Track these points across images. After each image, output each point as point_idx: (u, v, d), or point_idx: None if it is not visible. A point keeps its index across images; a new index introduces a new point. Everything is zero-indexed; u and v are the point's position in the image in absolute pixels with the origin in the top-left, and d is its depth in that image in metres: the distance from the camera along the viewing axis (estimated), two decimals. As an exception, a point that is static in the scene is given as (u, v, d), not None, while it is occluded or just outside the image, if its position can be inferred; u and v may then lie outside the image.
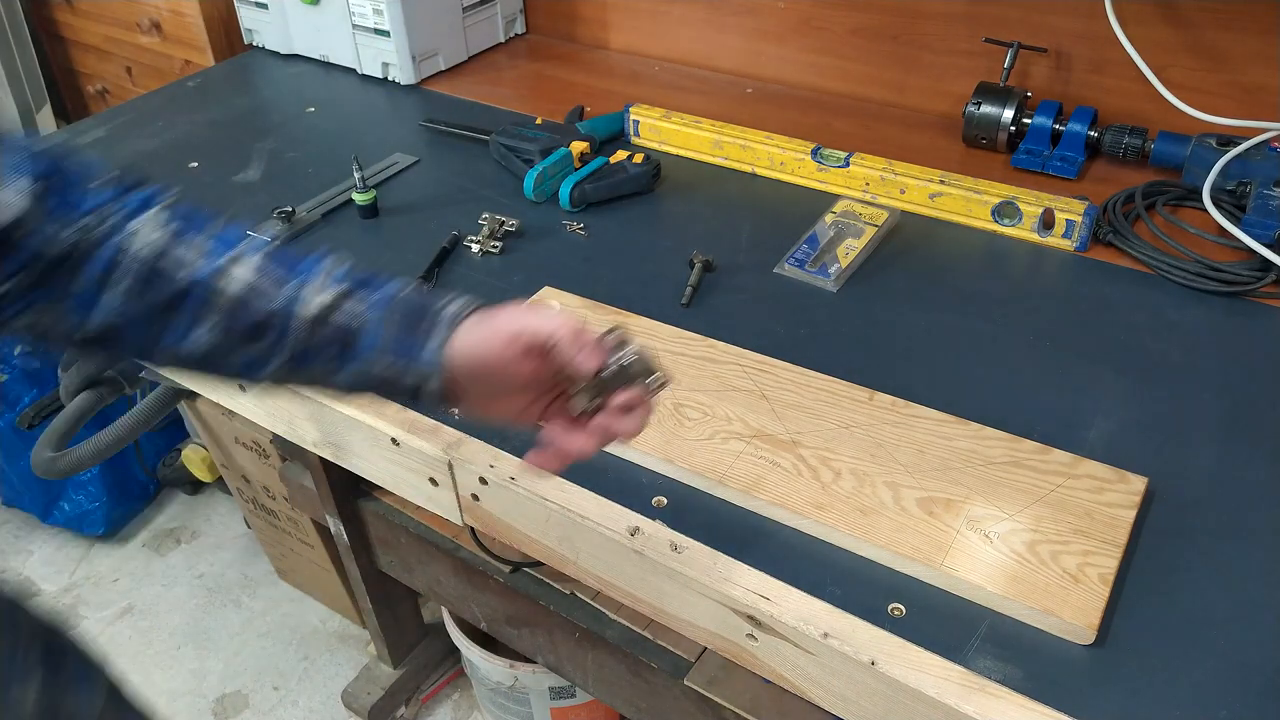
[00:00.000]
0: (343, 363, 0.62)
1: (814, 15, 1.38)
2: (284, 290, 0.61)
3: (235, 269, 0.60)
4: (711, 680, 0.96)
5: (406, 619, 1.50)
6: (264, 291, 0.60)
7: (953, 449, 0.78)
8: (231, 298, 0.60)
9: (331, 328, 0.61)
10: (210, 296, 0.60)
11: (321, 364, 0.62)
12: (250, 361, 0.62)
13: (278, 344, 0.61)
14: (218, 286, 0.60)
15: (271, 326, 0.61)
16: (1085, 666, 0.64)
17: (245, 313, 0.60)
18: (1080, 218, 1.03)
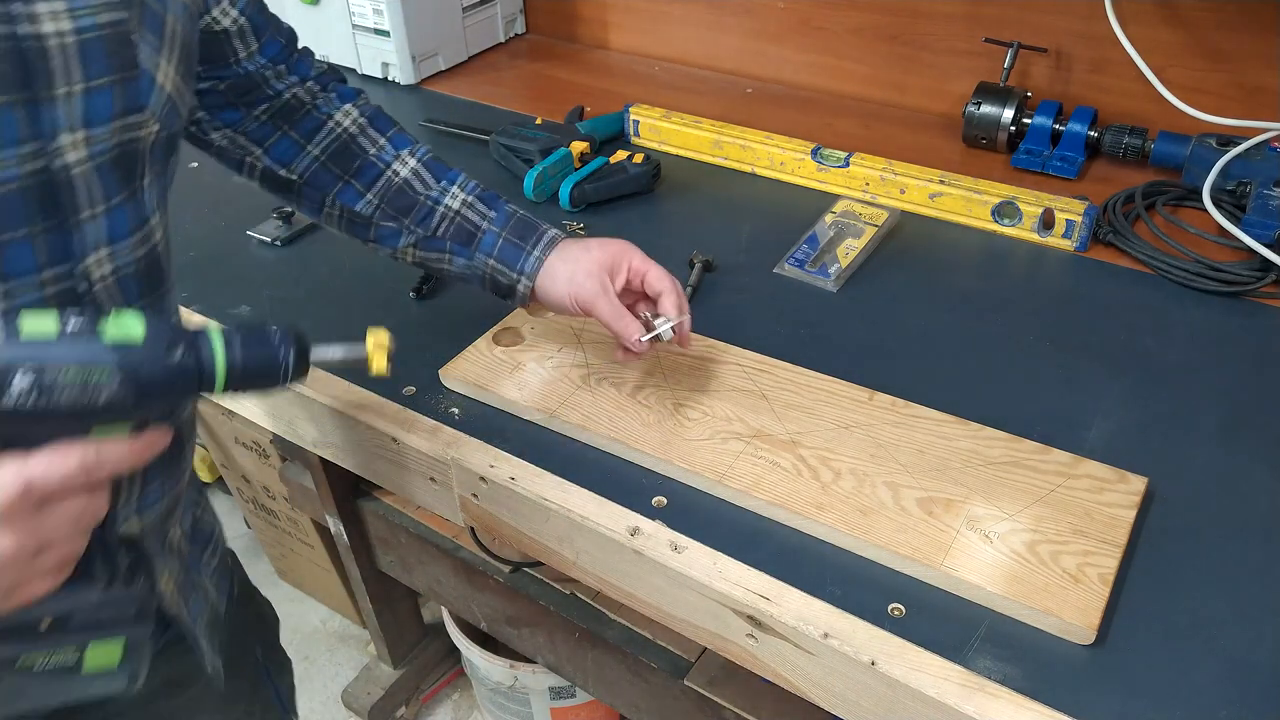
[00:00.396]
0: (460, 254, 0.83)
1: (814, 15, 1.38)
2: (434, 186, 0.82)
3: (404, 161, 0.82)
4: (711, 680, 0.96)
5: (406, 619, 1.50)
6: (421, 182, 0.82)
7: (953, 449, 0.78)
8: (397, 180, 0.82)
9: (461, 223, 0.82)
10: (382, 174, 0.82)
11: (444, 250, 0.83)
12: (390, 233, 0.83)
13: (418, 224, 0.82)
14: (390, 169, 0.82)
15: (418, 208, 0.82)
16: (1085, 666, 0.64)
17: (402, 195, 0.82)
18: (1080, 218, 1.03)
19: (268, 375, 0.55)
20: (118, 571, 0.55)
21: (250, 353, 0.54)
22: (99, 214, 0.56)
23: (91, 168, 0.54)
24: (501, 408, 0.86)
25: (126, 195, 0.58)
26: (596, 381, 0.87)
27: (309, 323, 0.98)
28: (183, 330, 0.53)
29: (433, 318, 0.99)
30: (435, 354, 0.91)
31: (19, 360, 0.46)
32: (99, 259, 0.56)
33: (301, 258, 1.10)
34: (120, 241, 0.58)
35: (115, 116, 0.55)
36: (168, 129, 0.60)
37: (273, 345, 0.55)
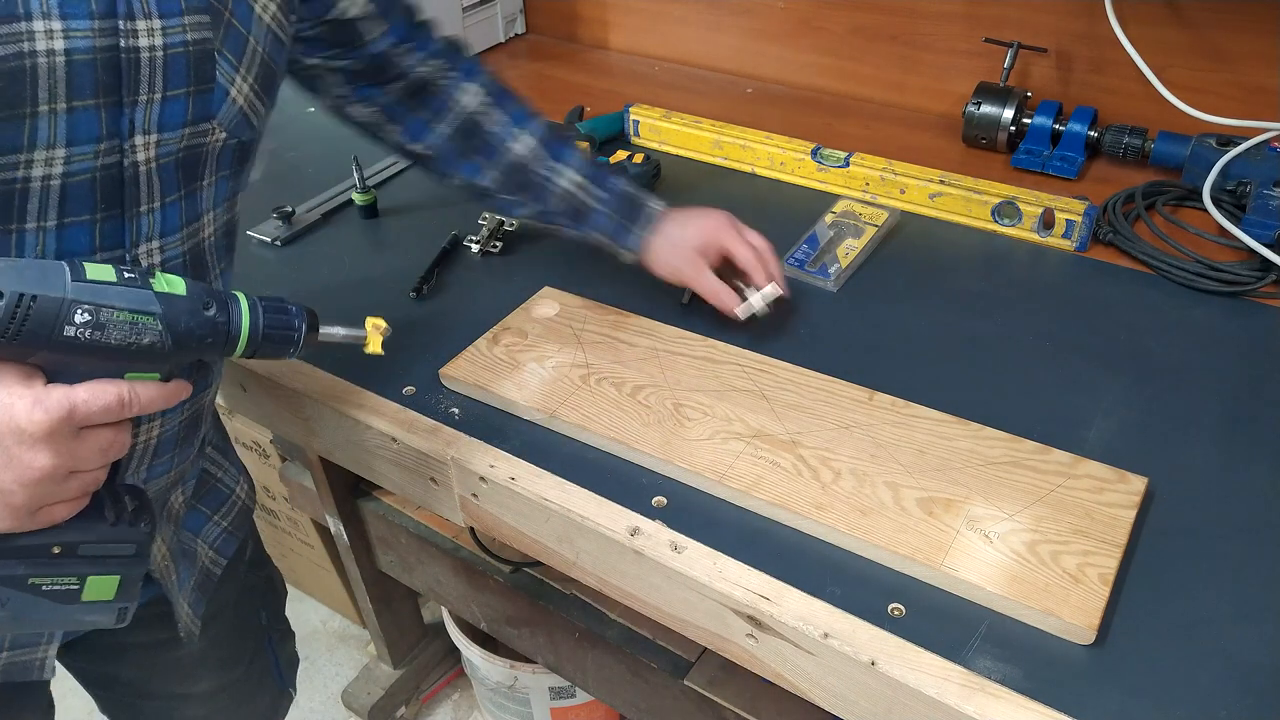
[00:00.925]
0: (571, 226, 0.92)
1: (814, 15, 1.38)
2: (550, 165, 0.89)
3: (521, 140, 0.89)
4: (711, 680, 0.96)
5: (406, 619, 1.50)
6: (538, 160, 0.89)
7: (953, 449, 0.78)
8: (515, 158, 0.89)
9: (573, 202, 0.90)
10: (502, 153, 0.89)
11: (556, 222, 0.92)
12: (509, 204, 0.92)
13: (535, 199, 0.90)
14: (508, 147, 0.89)
15: (534, 186, 0.90)
16: (1085, 666, 0.64)
17: (520, 172, 0.89)
18: (1080, 218, 1.03)
19: (282, 343, 0.63)
20: (124, 512, 0.60)
21: (271, 319, 0.62)
22: (155, 208, 0.62)
23: (156, 167, 0.60)
24: (501, 408, 0.86)
25: (184, 193, 0.63)
26: (596, 381, 0.87)
27: (309, 323, 0.98)
28: (218, 292, 0.60)
29: (433, 318, 0.99)
30: (435, 354, 0.91)
31: (82, 298, 0.52)
32: (149, 249, 0.62)
33: (301, 258, 1.10)
34: (171, 235, 0.63)
35: (187, 124, 0.61)
36: (237, 137, 0.66)
37: (290, 316, 0.63)
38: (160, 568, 0.76)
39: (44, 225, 0.57)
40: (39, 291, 0.51)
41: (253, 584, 0.95)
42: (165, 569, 0.77)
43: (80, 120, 0.55)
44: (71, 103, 0.54)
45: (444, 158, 0.90)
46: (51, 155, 0.55)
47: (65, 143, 0.55)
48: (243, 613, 0.94)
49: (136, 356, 0.55)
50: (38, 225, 0.56)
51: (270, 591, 1.00)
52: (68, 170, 0.56)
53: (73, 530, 0.57)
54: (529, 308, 0.97)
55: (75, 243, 0.58)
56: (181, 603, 0.80)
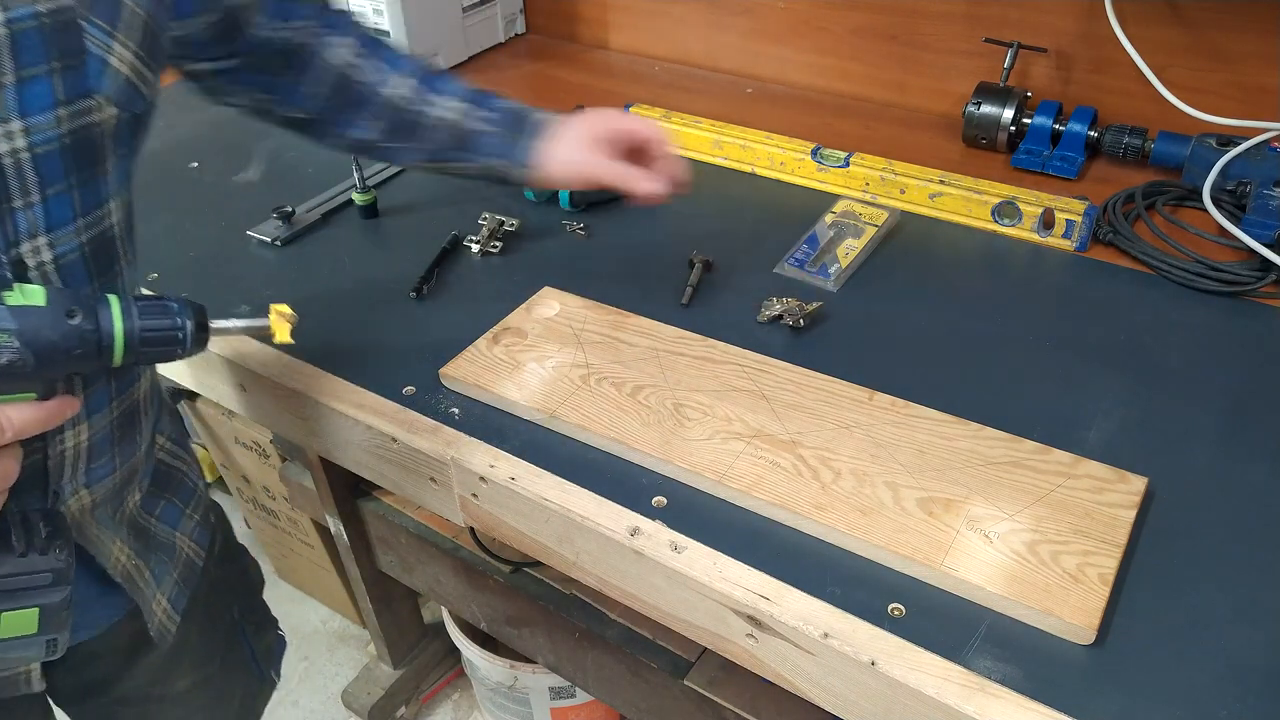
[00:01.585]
0: (463, 159, 0.87)
1: (814, 15, 1.38)
2: (426, 99, 0.85)
3: (395, 81, 0.85)
4: (711, 680, 0.96)
5: (406, 619, 1.50)
6: (420, 98, 0.85)
7: (953, 449, 0.78)
8: (392, 101, 0.85)
9: (457, 131, 0.85)
10: (378, 100, 0.85)
11: (447, 158, 0.87)
12: (398, 153, 0.88)
13: (420, 139, 0.86)
14: (382, 93, 0.85)
15: (417, 126, 0.86)
16: (1085, 666, 0.64)
17: (400, 114, 0.85)
18: (1080, 218, 1.03)
19: (167, 344, 0.58)
20: (35, 539, 0.57)
21: (149, 322, 0.57)
22: (34, 203, 0.56)
23: (31, 158, 0.55)
24: (501, 408, 0.86)
25: (77, 182, 0.58)
26: (596, 381, 0.87)
27: (309, 322, 0.98)
28: (85, 297, 0.55)
29: (433, 318, 0.99)
30: (435, 354, 0.91)
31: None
32: (35, 246, 0.57)
33: (301, 258, 1.10)
34: (61, 228, 0.58)
35: (58, 104, 0.55)
36: (130, 111, 0.60)
37: (172, 315, 0.58)
38: (124, 571, 0.73)
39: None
40: None
41: (221, 578, 0.93)
42: (133, 570, 0.75)
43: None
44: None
45: (324, 119, 0.87)
46: None
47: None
48: (214, 608, 0.92)
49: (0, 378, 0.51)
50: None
51: (243, 584, 0.98)
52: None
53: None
54: (529, 308, 0.97)
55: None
56: (159, 600, 0.78)
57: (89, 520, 0.69)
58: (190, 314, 0.59)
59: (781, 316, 0.94)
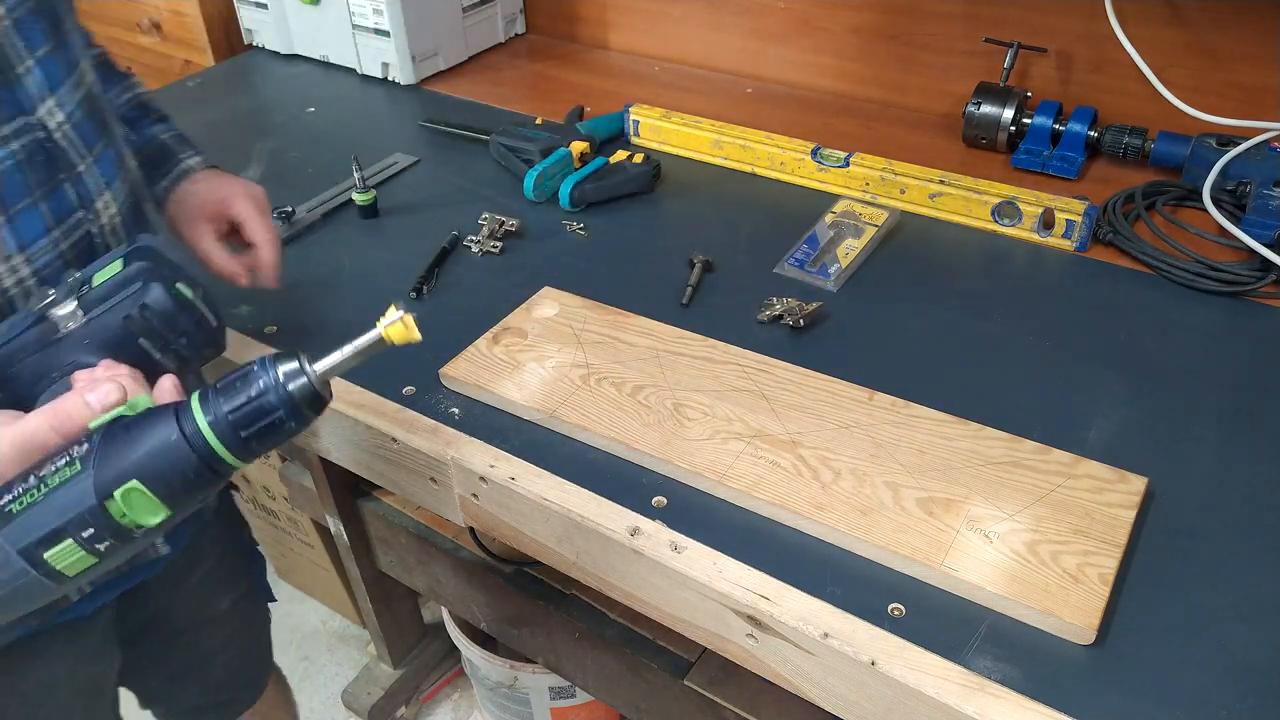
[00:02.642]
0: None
1: (814, 15, 1.38)
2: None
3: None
4: (711, 680, 0.96)
5: (406, 619, 1.50)
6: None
7: (953, 449, 0.78)
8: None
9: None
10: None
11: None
12: None
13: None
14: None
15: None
16: (1085, 666, 0.64)
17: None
18: (1080, 218, 1.03)
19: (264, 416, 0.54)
20: None
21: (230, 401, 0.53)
22: (30, 67, 0.63)
23: (10, 23, 0.62)
24: (501, 408, 0.86)
25: (53, 46, 0.65)
26: (596, 381, 0.87)
27: (309, 322, 0.99)
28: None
29: (433, 318, 0.99)
30: (435, 354, 0.91)
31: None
32: (49, 109, 0.64)
33: (301, 258, 1.10)
34: (59, 89, 0.65)
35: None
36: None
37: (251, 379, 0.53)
38: None
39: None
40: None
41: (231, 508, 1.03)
42: None
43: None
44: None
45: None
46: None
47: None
48: (231, 531, 1.02)
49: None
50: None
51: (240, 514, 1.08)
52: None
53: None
54: (529, 308, 0.97)
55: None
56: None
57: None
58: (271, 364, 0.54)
59: (781, 316, 0.94)
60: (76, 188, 0.66)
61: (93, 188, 0.67)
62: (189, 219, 0.86)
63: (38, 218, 0.64)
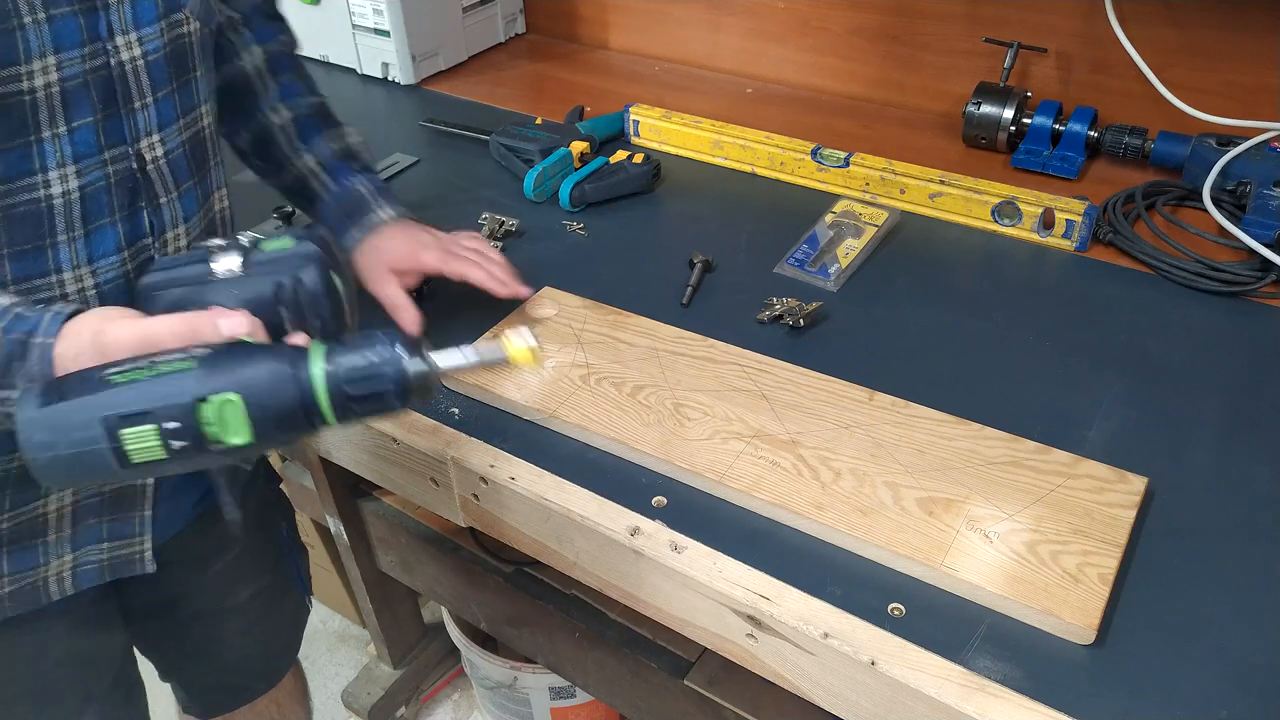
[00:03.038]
0: (304, 206, 0.95)
1: (814, 15, 1.38)
2: (294, 145, 0.92)
3: (279, 112, 0.91)
4: (711, 680, 0.96)
5: (406, 619, 1.50)
6: (286, 137, 0.92)
7: (953, 449, 0.78)
8: (266, 128, 0.91)
9: (305, 188, 0.93)
10: (257, 119, 0.91)
11: (294, 200, 0.97)
12: (261, 171, 0.95)
13: (276, 174, 0.94)
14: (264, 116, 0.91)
15: (278, 160, 0.93)
16: (1085, 666, 0.64)
17: (269, 144, 0.92)
18: (1080, 218, 1.03)
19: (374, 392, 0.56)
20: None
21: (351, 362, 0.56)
22: (149, 104, 0.68)
23: (145, 64, 0.66)
24: (501, 408, 0.86)
25: (176, 86, 0.70)
26: (596, 381, 0.87)
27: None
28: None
29: (433, 318, 0.99)
30: (435, 354, 0.91)
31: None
32: (150, 143, 0.68)
33: (301, 258, 1.10)
34: (168, 127, 0.70)
35: (160, 17, 0.67)
36: (207, 24, 0.73)
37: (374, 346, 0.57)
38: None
39: (56, 132, 0.63)
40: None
41: (269, 497, 1.02)
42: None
43: (62, 28, 0.61)
44: (50, 11, 0.60)
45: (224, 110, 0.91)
46: (45, 64, 0.61)
47: (54, 50, 0.61)
48: (264, 522, 1.01)
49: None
50: (51, 133, 0.62)
51: (286, 504, 1.07)
52: (62, 76, 0.62)
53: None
54: (529, 308, 0.97)
55: (84, 144, 0.64)
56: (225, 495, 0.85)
57: None
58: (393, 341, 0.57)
59: (781, 316, 0.94)
60: (153, 217, 0.70)
61: (168, 220, 0.71)
62: (375, 270, 0.90)
63: (112, 236, 0.68)
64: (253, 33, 0.90)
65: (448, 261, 0.91)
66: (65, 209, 0.64)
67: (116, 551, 0.79)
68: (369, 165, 0.95)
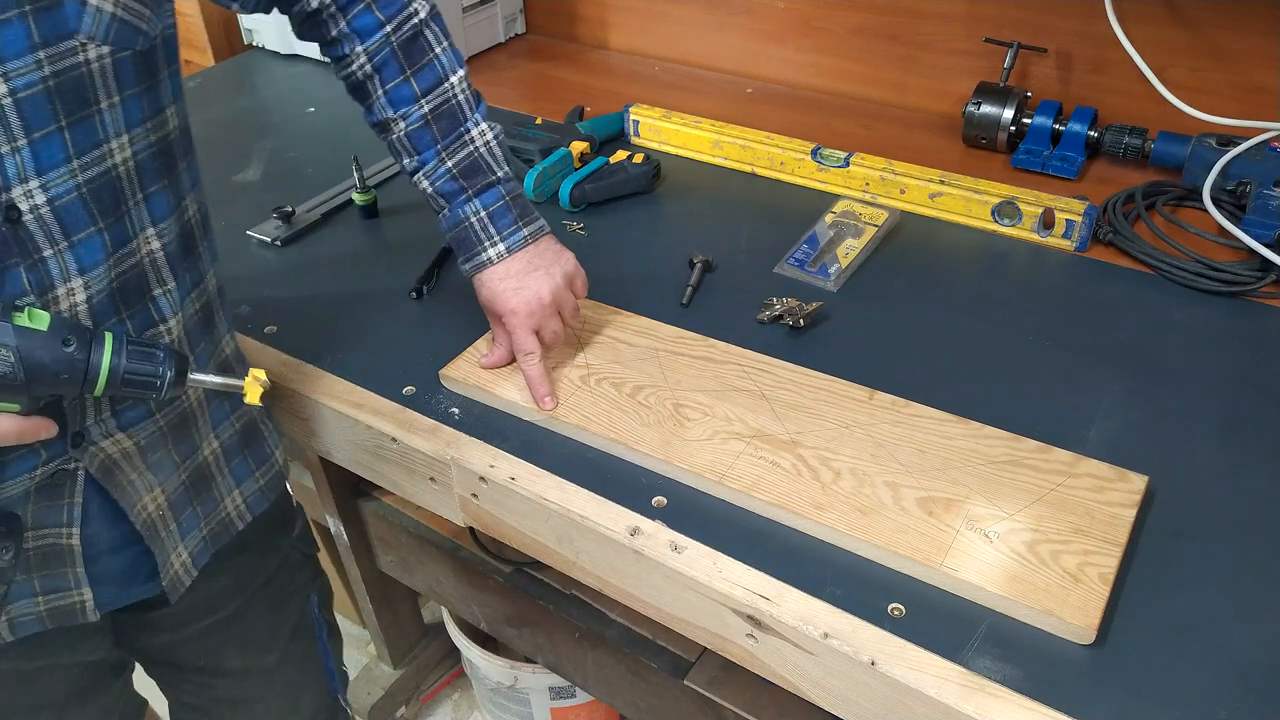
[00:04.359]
0: (436, 214, 0.87)
1: (814, 15, 1.38)
2: (412, 163, 0.85)
3: (397, 125, 0.84)
4: (711, 680, 0.96)
5: (406, 619, 1.50)
6: (406, 151, 0.85)
7: (953, 448, 0.78)
8: (392, 142, 0.86)
9: (428, 198, 0.86)
10: (381, 125, 0.86)
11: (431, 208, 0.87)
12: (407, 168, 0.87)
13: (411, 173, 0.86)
14: (387, 128, 0.85)
15: (406, 169, 0.86)
16: (1085, 666, 0.64)
17: (398, 147, 0.85)
18: (1080, 218, 1.03)
19: (144, 388, 0.64)
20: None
21: (135, 365, 0.63)
22: (20, 146, 0.57)
23: (13, 102, 0.56)
24: (501, 408, 0.86)
25: (66, 124, 0.59)
26: (596, 381, 0.87)
27: (308, 322, 0.99)
28: (84, 330, 0.61)
29: (433, 318, 0.99)
30: (435, 354, 0.91)
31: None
32: (26, 190, 0.58)
33: (301, 258, 1.10)
34: (52, 170, 0.59)
35: (36, 47, 0.56)
36: (127, 48, 0.62)
37: (156, 363, 0.64)
38: (147, 520, 0.74)
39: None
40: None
41: (299, 561, 0.94)
42: (157, 520, 0.75)
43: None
44: None
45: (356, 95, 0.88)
46: None
47: None
48: (283, 590, 0.92)
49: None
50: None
51: (321, 576, 0.98)
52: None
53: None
54: None
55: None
56: (179, 552, 0.78)
57: (132, 465, 0.71)
58: (173, 364, 0.65)
59: (781, 316, 0.94)
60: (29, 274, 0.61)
61: (56, 275, 0.62)
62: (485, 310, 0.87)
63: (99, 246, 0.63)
64: (351, 25, 0.81)
65: (516, 331, 0.85)
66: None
67: (55, 603, 0.73)
68: (489, 179, 0.84)
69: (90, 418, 0.67)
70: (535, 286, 0.84)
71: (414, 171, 0.85)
